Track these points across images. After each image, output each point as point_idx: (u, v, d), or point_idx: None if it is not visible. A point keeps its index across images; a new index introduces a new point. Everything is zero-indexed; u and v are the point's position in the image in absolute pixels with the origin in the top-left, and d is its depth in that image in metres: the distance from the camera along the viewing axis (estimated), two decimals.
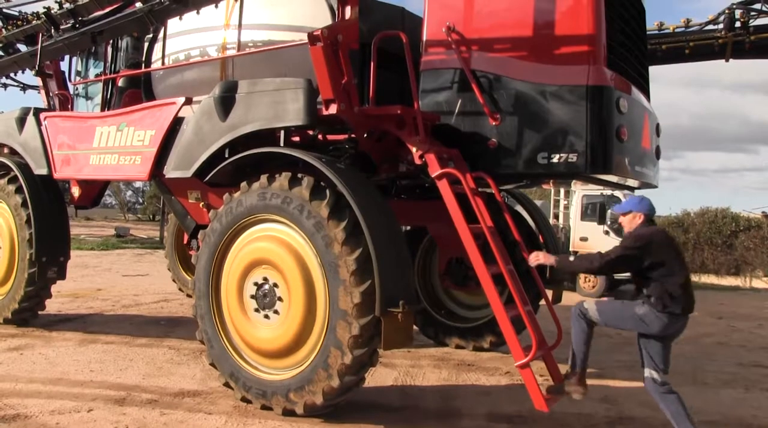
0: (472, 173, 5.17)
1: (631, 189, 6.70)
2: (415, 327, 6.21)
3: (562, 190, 15.17)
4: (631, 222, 4.66)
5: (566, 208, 15.40)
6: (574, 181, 7.32)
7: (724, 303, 13.84)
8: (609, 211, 13.59)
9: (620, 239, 5.26)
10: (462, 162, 5.25)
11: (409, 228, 7.83)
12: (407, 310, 4.54)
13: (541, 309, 5.99)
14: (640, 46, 6.07)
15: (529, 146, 5.14)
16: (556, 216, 15.48)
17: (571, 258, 4.94)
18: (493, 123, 5.24)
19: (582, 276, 14.07)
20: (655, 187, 6.27)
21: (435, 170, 4.99)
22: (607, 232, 13.91)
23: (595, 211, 14.11)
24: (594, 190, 13.86)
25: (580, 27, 5.07)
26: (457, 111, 5.41)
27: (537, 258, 4.84)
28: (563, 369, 4.84)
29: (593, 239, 14.12)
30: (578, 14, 5.06)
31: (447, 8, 5.50)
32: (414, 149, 5.11)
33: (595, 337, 4.77)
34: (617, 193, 13.69)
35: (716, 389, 6.42)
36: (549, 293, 5.98)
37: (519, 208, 7.76)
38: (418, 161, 5.10)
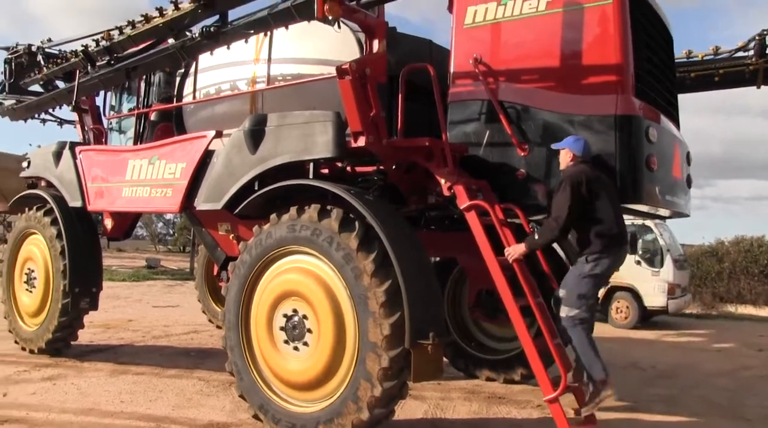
0: (500, 204, 5.16)
1: (663, 218, 6.62)
2: (445, 359, 6.14)
3: None
4: (564, 159, 4.94)
5: None
6: None
7: (763, 335, 13.48)
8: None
9: (652, 269, 5.27)
10: (490, 193, 5.24)
11: (438, 259, 7.80)
12: (437, 342, 4.52)
13: None
14: (669, 74, 6.05)
15: (557, 176, 5.12)
16: None
17: (536, 237, 4.94)
18: (522, 153, 5.23)
19: (614, 307, 13.86)
20: (687, 215, 6.20)
21: (463, 202, 4.99)
22: (638, 262, 13.70)
23: None
24: (625, 219, 13.69)
25: (607, 56, 5.06)
26: (485, 142, 5.41)
27: (509, 253, 4.89)
28: None
29: (624, 269, 13.89)
30: (605, 44, 5.06)
31: (474, 40, 5.53)
32: (443, 181, 5.12)
33: (627, 370, 4.69)
34: (648, 223, 13.51)
35: (758, 424, 6.24)
36: None
37: None
38: (446, 193, 5.11)
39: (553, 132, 5.15)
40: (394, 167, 5.56)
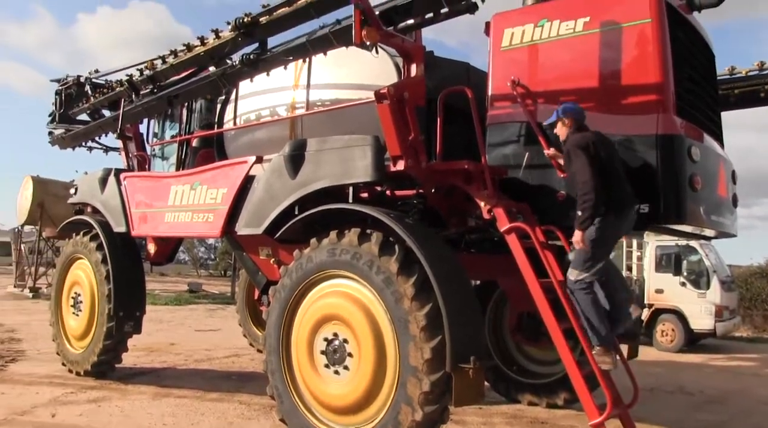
0: (541, 226, 5.12)
1: (708, 238, 6.48)
2: (486, 383, 6.09)
3: (634, 241, 14.76)
4: (561, 130, 4.94)
5: (639, 259, 14.94)
6: (646, 231, 7.13)
7: None
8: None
9: (698, 291, 5.15)
10: (531, 215, 5.20)
11: (479, 282, 7.75)
12: (478, 366, 4.47)
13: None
14: (711, 92, 5.95)
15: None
16: (629, 268, 15.02)
17: (579, 214, 4.71)
18: (562, 175, 5.19)
19: (659, 330, 13.58)
20: (734, 235, 6.06)
21: (504, 224, 4.96)
22: (683, 284, 13.42)
23: (671, 262, 13.65)
24: (668, 240, 13.45)
25: (647, 76, 5.01)
26: (524, 164, 5.39)
27: (576, 241, 4.73)
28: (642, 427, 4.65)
29: (669, 291, 13.65)
30: (645, 63, 5.01)
31: (511, 62, 5.53)
32: (482, 204, 5.11)
33: (674, 394, 4.59)
34: (693, 243, 13.24)
35: None
36: (624, 348, 5.78)
37: None
38: (486, 216, 5.09)
39: None
40: (433, 190, 5.56)
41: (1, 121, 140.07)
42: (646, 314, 13.71)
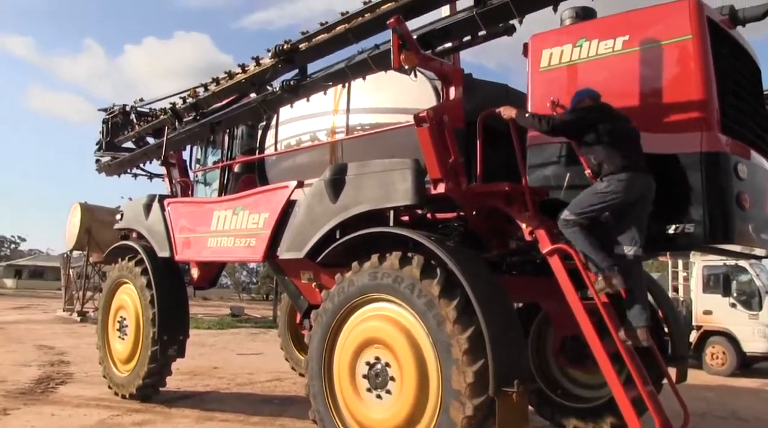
0: None
1: (759, 258, 6.31)
2: (530, 407, 5.99)
3: (680, 262, 14.47)
4: None
5: (686, 280, 14.63)
6: (692, 251, 7.00)
7: None
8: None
9: (749, 312, 5.02)
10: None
11: (521, 305, 7.66)
12: (522, 390, 4.39)
13: (665, 389, 5.64)
14: (757, 107, 5.82)
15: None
16: (676, 289, 14.73)
17: (526, 115, 5.09)
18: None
19: (709, 352, 13.22)
20: None
21: (546, 246, 4.91)
22: (733, 305, 13.07)
23: (719, 283, 13.31)
24: (716, 260, 13.14)
25: (689, 93, 4.93)
26: (565, 185, 5.33)
27: (502, 110, 5.09)
28: None
29: (719, 312, 13.30)
30: (687, 80, 4.93)
31: (550, 82, 5.51)
32: (524, 225, 5.07)
33: (728, 421, 4.46)
34: (742, 263, 12.91)
35: None
36: (672, 371, 5.65)
37: None
38: (528, 237, 5.04)
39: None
40: (474, 213, 5.53)
41: (54, 150, 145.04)
42: (694, 336, 13.38)
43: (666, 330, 6.68)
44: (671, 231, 4.86)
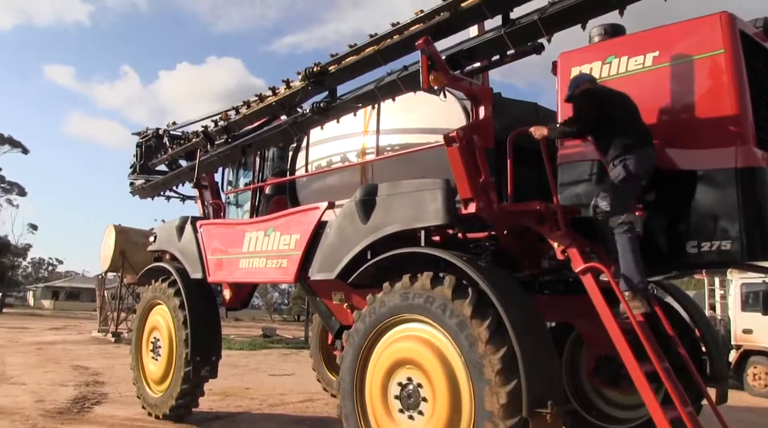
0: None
1: None
2: None
3: (716, 279, 14.18)
4: None
5: (723, 297, 14.33)
6: (729, 269, 6.86)
7: None
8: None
9: None
10: (606, 255, 5.08)
11: (554, 324, 7.57)
12: (556, 411, 4.32)
13: (704, 411, 5.51)
14: None
15: (676, 235, 4.91)
16: (713, 307, 14.42)
17: (557, 127, 5.23)
18: (636, 213, 5.07)
19: (750, 373, 12.90)
20: None
21: (578, 265, 4.85)
22: None
23: (759, 300, 13.00)
24: (754, 277, 12.85)
25: (723, 107, 4.86)
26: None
27: (533, 130, 5.11)
28: None
29: (759, 331, 12.99)
30: (720, 94, 4.87)
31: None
32: (556, 244, 5.02)
33: None
34: None
35: None
36: (712, 392, 5.52)
37: (670, 300, 7.31)
38: (560, 256, 4.99)
39: (669, 189, 4.97)
40: (505, 232, 5.50)
41: (90, 174, 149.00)
42: (734, 356, 13.07)
43: (703, 349, 6.54)
44: (706, 248, 4.78)
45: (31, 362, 14.60)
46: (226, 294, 8.72)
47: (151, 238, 9.36)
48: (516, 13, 5.18)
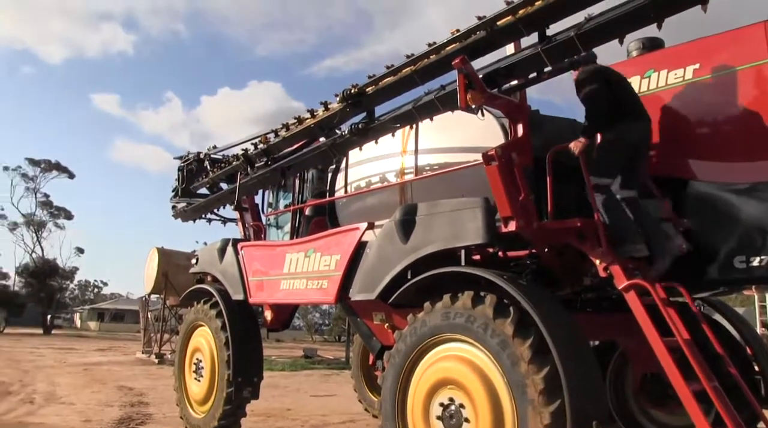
0: (662, 283, 4.89)
1: None
2: None
3: (767, 295, 13.83)
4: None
5: None
6: None
7: None
8: None
9: None
10: (649, 271, 5.00)
11: (597, 342, 7.45)
12: None
13: None
14: None
15: (723, 250, 4.82)
16: (765, 325, 14.03)
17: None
18: (681, 229, 4.98)
19: None
20: None
21: (621, 282, 4.78)
22: None
23: None
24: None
25: None
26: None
27: (573, 145, 5.14)
28: None
29: None
30: (764, 105, 4.79)
31: None
32: (598, 261, 4.95)
33: None
34: None
35: None
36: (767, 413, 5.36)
37: (718, 317, 7.14)
38: (602, 273, 4.92)
39: (714, 203, 4.89)
40: (546, 250, 5.45)
41: (134, 198, 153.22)
42: None
43: (756, 368, 6.36)
44: (756, 263, 4.68)
45: (79, 382, 14.89)
46: (268, 315, 8.77)
47: (193, 260, 9.48)
48: (552, 29, 5.16)
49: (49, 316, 55.53)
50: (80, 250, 65.88)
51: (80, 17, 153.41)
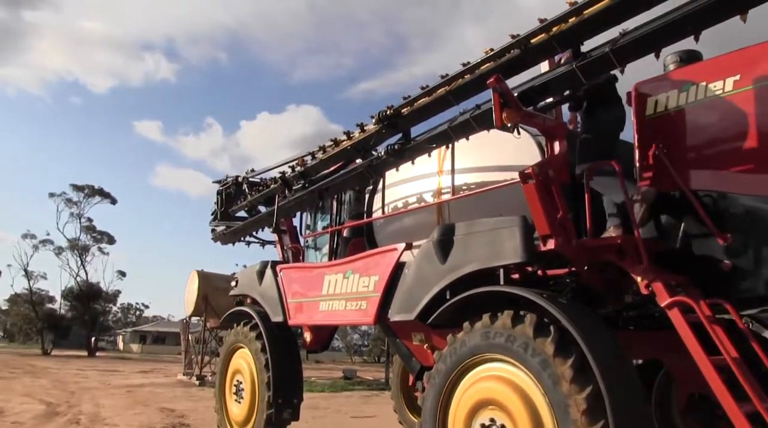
0: (706, 299, 4.79)
1: None
2: None
3: None
4: None
5: None
6: None
7: None
8: None
9: None
10: (693, 288, 4.89)
11: (641, 361, 7.31)
12: None
13: None
14: None
15: None
16: None
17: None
18: (724, 243, 4.88)
19: None
20: None
21: (664, 299, 4.69)
22: None
23: None
24: None
25: None
26: (681, 235, 5.13)
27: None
28: None
29: None
30: None
31: (657, 130, 5.35)
32: (639, 278, 4.87)
33: None
34: None
35: None
36: None
37: None
38: (644, 291, 4.84)
39: (759, 217, 4.78)
40: (586, 268, 5.39)
41: (175, 222, 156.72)
42: None
43: None
44: None
45: (122, 404, 15.08)
46: (307, 336, 8.81)
47: (233, 283, 9.58)
48: (586, 46, 5.15)
49: (93, 339, 56.50)
50: (122, 273, 67.06)
51: (125, 48, 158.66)
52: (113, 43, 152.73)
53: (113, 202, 62.03)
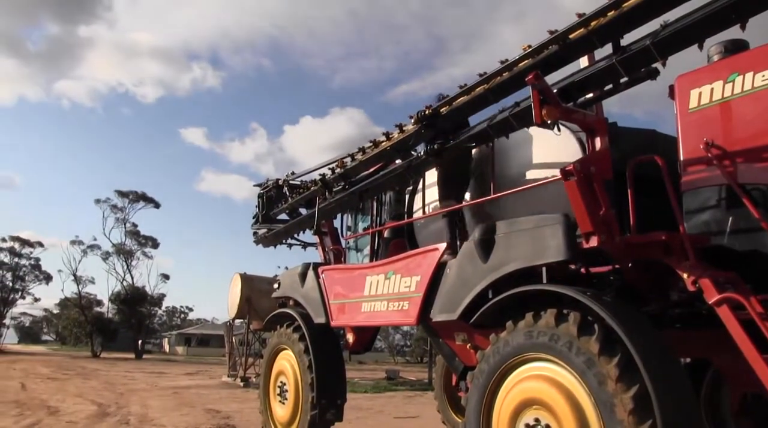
0: (757, 296, 4.67)
1: None
2: None
3: None
4: None
5: None
6: None
7: None
8: None
9: None
10: (742, 284, 4.76)
11: (689, 360, 7.15)
12: None
13: None
14: None
15: None
16: None
17: None
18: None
19: None
20: None
21: (712, 296, 4.57)
22: None
23: None
24: None
25: None
26: (728, 229, 5.00)
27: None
28: None
29: None
30: None
31: (702, 123, 5.23)
32: (685, 275, 4.76)
33: None
34: None
35: None
36: None
37: None
38: (691, 288, 4.73)
39: None
40: (630, 265, 5.31)
41: (220, 226, 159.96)
42: None
43: None
44: None
45: (169, 405, 15.36)
46: (349, 337, 8.84)
47: (275, 285, 9.66)
48: (626, 39, 5.07)
49: (140, 341, 57.65)
50: (166, 277, 68.23)
51: (172, 58, 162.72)
52: (162, 54, 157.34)
53: (157, 206, 63.27)
